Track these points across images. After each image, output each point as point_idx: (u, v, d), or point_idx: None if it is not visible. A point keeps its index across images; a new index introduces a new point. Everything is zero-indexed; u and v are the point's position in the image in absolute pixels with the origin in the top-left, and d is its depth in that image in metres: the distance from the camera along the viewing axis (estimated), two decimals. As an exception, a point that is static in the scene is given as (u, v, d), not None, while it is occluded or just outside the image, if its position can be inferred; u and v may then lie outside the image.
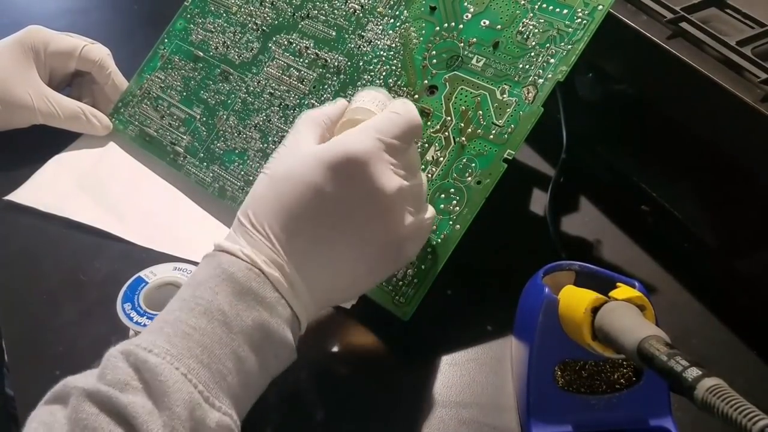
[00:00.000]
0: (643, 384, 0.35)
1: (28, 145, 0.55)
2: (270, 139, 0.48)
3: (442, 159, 0.41)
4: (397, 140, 0.34)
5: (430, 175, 0.41)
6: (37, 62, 0.52)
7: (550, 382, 0.35)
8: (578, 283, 0.36)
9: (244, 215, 0.33)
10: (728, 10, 0.45)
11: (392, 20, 0.46)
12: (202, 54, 0.53)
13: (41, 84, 0.51)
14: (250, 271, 0.31)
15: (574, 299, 0.32)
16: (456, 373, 0.40)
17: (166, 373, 0.27)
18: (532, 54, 0.41)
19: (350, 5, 0.48)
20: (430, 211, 0.37)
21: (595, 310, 0.31)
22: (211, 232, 0.48)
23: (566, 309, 0.33)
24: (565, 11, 0.40)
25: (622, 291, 0.31)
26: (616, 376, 0.35)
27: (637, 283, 0.34)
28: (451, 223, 0.40)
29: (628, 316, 0.30)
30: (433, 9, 0.45)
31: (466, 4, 0.43)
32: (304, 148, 0.34)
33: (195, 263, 0.46)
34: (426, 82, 0.43)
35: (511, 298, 0.38)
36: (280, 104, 0.48)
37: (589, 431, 0.34)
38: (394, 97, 0.40)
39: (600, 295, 0.31)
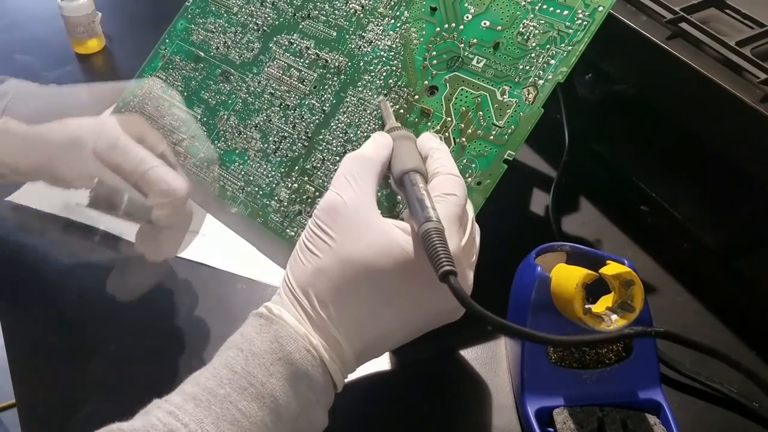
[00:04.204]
0: (633, 358, 0.36)
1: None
2: (270, 139, 0.48)
3: (442, 159, 0.41)
4: (463, 226, 0.34)
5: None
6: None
7: (543, 357, 0.36)
8: (569, 263, 0.36)
9: (304, 291, 0.32)
10: (728, 11, 0.45)
11: (393, 21, 0.46)
12: (203, 54, 0.53)
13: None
14: (308, 353, 0.31)
15: (566, 276, 0.33)
16: (456, 373, 0.40)
17: None
18: (533, 55, 0.41)
19: (351, 6, 0.48)
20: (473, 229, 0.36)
21: (586, 285, 0.32)
22: (212, 232, 0.48)
23: (558, 286, 0.34)
24: (566, 12, 0.41)
25: (612, 267, 0.32)
26: (606, 351, 0.36)
27: (626, 261, 0.34)
28: (451, 223, 0.40)
29: (405, 147, 0.37)
30: (433, 10, 0.45)
31: (466, 5, 0.44)
32: (376, 225, 0.32)
33: (194, 262, 0.46)
34: (426, 82, 0.43)
35: (512, 298, 0.38)
36: (281, 104, 0.48)
37: (581, 405, 0.35)
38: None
39: (591, 272, 0.32)
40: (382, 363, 0.40)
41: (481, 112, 0.41)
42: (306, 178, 0.46)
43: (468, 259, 0.35)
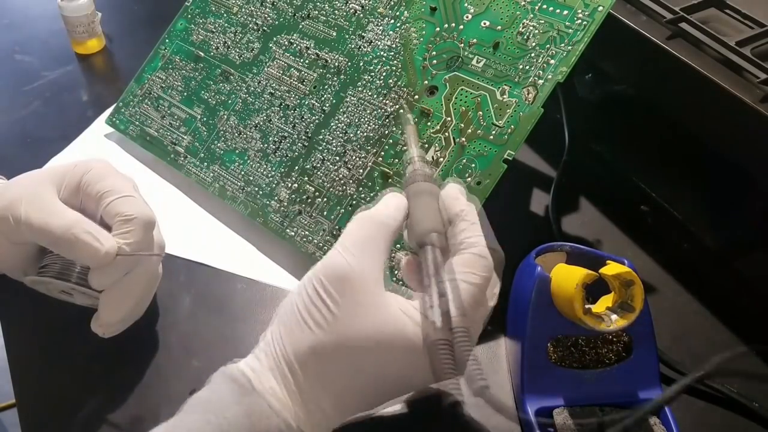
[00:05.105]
0: (633, 358, 0.36)
1: (29, 146, 0.55)
2: (270, 139, 0.48)
3: (441, 159, 0.41)
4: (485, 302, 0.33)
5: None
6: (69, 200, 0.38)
7: (544, 357, 0.36)
8: (569, 263, 0.37)
9: (290, 365, 0.30)
10: (728, 11, 0.45)
11: (393, 21, 0.46)
12: (202, 54, 0.53)
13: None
14: None
15: (566, 276, 0.33)
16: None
17: None
18: (532, 55, 0.41)
19: (351, 6, 0.48)
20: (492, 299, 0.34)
21: (586, 285, 0.32)
22: (212, 232, 0.48)
23: (558, 286, 0.34)
24: (566, 12, 0.41)
25: (612, 267, 0.32)
26: (606, 351, 0.36)
27: (626, 261, 0.34)
28: (451, 223, 0.40)
29: (425, 206, 0.33)
30: (433, 10, 0.45)
31: (466, 4, 0.44)
32: (384, 309, 0.30)
33: (194, 262, 0.46)
34: (426, 82, 0.43)
35: (512, 298, 0.38)
36: (281, 104, 0.48)
37: (581, 405, 0.35)
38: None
39: (591, 272, 0.32)
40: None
41: (480, 112, 0.41)
42: (306, 178, 0.46)
43: (478, 330, 0.34)
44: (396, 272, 0.38)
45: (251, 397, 0.29)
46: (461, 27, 0.43)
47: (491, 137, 0.40)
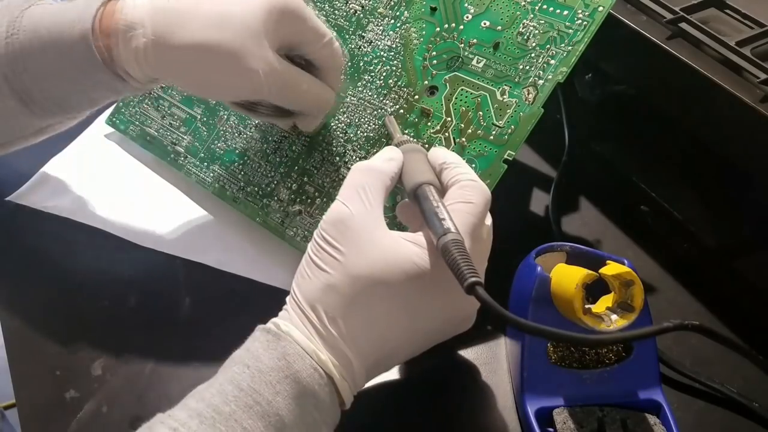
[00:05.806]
0: (633, 358, 0.36)
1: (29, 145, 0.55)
2: (270, 139, 0.48)
3: (442, 159, 0.41)
4: (478, 235, 0.33)
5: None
6: (274, 32, 0.38)
7: (543, 357, 0.36)
8: (569, 263, 0.37)
9: (313, 307, 0.32)
10: (728, 11, 0.45)
11: (393, 21, 0.46)
12: (202, 54, 0.53)
13: (271, 53, 0.38)
14: (316, 372, 0.30)
15: (566, 276, 0.33)
16: (456, 373, 0.40)
17: None
18: (533, 55, 0.41)
19: (351, 6, 0.48)
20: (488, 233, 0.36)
21: (586, 285, 0.32)
22: (211, 232, 0.48)
23: (558, 286, 0.34)
24: (566, 12, 0.41)
25: (612, 267, 0.32)
26: (606, 351, 0.36)
27: (626, 261, 0.34)
28: (451, 223, 0.40)
29: (416, 160, 0.36)
30: (433, 10, 0.45)
31: (466, 5, 0.44)
32: (386, 239, 0.32)
33: (194, 262, 0.46)
34: (426, 82, 0.43)
35: (512, 298, 0.38)
36: (281, 104, 0.48)
37: (581, 405, 0.35)
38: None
39: (591, 272, 0.32)
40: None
41: (481, 112, 0.41)
42: (306, 178, 0.46)
43: (482, 265, 0.35)
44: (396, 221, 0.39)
45: (283, 342, 0.31)
46: (461, 27, 0.43)
47: (491, 137, 0.40)
